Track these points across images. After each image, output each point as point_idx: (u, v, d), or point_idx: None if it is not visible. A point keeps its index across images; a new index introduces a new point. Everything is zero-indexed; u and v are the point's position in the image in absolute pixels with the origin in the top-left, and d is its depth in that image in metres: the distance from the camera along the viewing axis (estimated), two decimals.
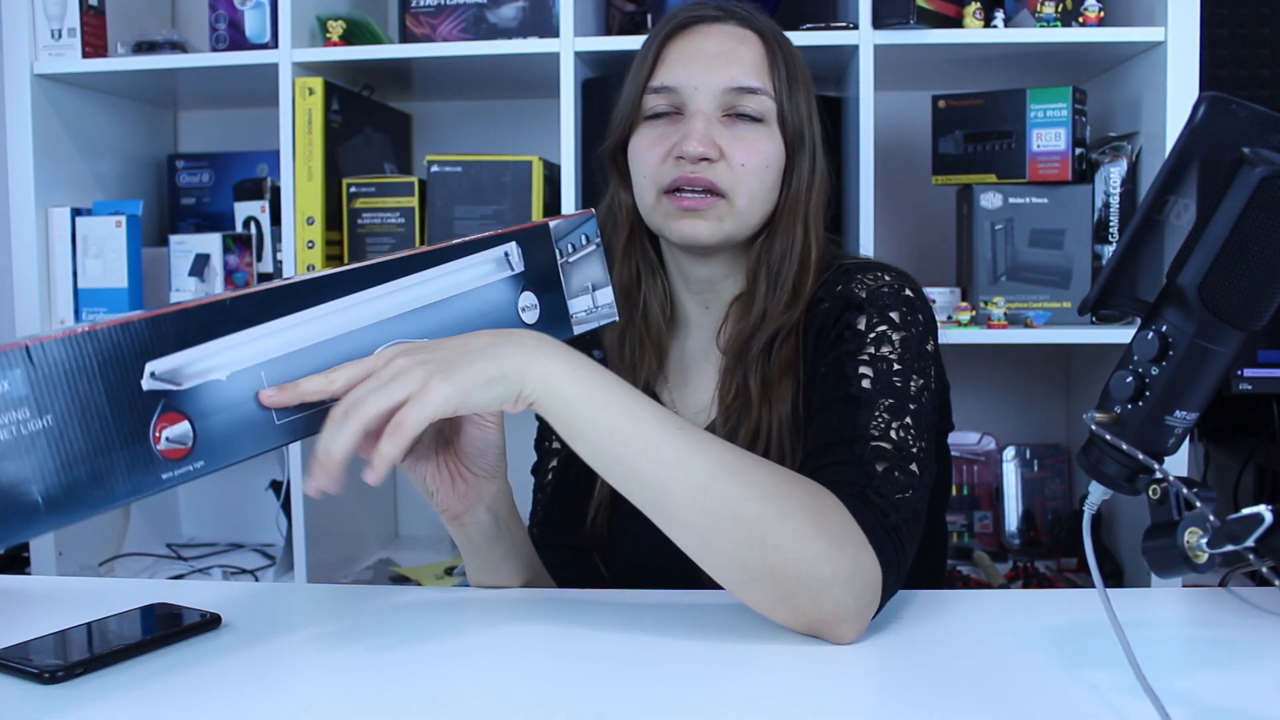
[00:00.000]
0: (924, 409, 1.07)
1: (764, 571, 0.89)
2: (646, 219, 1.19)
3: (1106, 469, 0.75)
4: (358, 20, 2.00)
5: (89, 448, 0.71)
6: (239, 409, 0.79)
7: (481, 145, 2.28)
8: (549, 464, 1.30)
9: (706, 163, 1.13)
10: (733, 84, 1.15)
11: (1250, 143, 0.71)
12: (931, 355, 1.12)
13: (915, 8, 1.76)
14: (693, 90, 1.15)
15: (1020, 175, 1.87)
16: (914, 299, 1.13)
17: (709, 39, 1.17)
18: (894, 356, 1.07)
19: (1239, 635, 0.97)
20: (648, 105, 1.18)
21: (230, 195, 2.18)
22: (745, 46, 1.17)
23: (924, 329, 1.12)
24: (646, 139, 1.17)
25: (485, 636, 0.99)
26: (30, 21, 1.98)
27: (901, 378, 1.07)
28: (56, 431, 0.70)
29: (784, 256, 1.16)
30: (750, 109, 1.15)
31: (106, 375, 0.72)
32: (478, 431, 1.00)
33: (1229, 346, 0.71)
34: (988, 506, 2.23)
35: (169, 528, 2.33)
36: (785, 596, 0.90)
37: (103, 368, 0.72)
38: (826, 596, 0.89)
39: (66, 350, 0.70)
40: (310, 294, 0.83)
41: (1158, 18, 1.79)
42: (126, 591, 1.09)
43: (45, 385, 0.69)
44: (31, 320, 2.01)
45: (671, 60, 1.17)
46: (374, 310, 0.86)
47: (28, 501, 0.69)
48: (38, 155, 2.00)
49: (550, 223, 0.99)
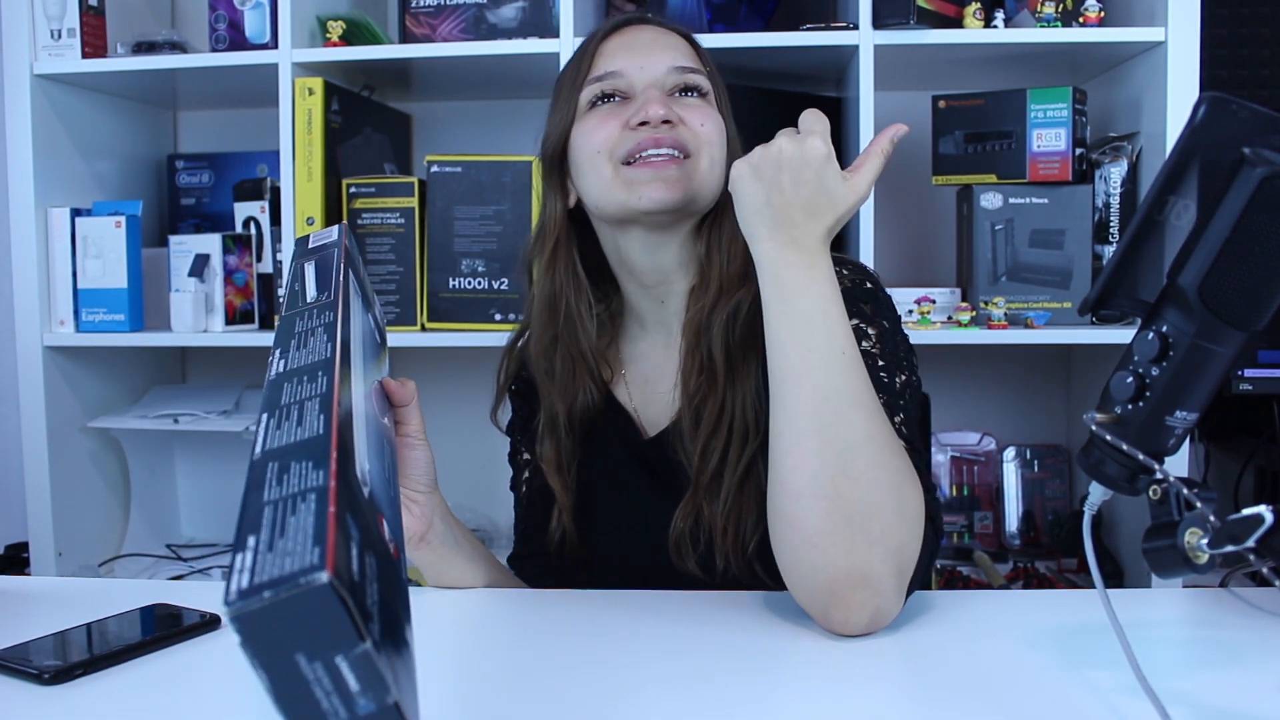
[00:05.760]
0: (910, 405, 1.09)
1: (827, 493, 0.92)
2: (600, 198, 1.16)
3: (1107, 469, 0.75)
4: (357, 20, 2.00)
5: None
6: (381, 488, 0.72)
7: (481, 145, 2.28)
8: (522, 476, 1.30)
9: (668, 125, 1.13)
10: (675, 63, 1.18)
11: (1250, 143, 0.70)
12: (907, 347, 1.14)
13: (915, 8, 1.76)
14: (638, 69, 1.17)
15: (1020, 175, 1.87)
16: (875, 290, 1.14)
17: (642, 33, 1.21)
18: (876, 351, 1.09)
19: (1239, 636, 0.97)
20: (590, 94, 1.18)
21: (230, 195, 2.18)
22: (674, 39, 1.22)
23: (893, 321, 1.14)
24: (594, 120, 1.17)
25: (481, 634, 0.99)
26: (30, 22, 1.98)
27: (887, 373, 1.08)
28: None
29: (733, 233, 1.13)
30: (695, 83, 1.18)
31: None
32: (412, 453, 1.04)
33: (1229, 347, 0.71)
34: (988, 507, 2.23)
35: (169, 528, 2.33)
36: (827, 530, 0.92)
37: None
38: (864, 550, 0.92)
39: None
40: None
41: (1158, 18, 1.79)
42: (126, 592, 1.09)
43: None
44: (31, 320, 2.01)
45: (609, 52, 1.19)
46: (359, 374, 0.80)
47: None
48: (37, 155, 2.00)
49: (346, 242, 0.94)
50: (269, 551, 0.51)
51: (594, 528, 1.22)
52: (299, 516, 0.54)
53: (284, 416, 0.66)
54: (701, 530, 1.12)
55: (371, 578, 0.56)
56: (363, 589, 0.54)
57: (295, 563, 0.50)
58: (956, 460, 2.22)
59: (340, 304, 0.81)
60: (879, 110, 1.80)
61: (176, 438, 2.29)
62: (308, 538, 0.52)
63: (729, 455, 1.12)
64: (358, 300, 0.88)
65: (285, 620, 0.49)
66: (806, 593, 0.95)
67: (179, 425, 2.12)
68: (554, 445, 1.22)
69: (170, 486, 2.36)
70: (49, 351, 2.03)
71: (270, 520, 0.54)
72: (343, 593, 0.49)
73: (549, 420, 1.23)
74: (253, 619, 0.49)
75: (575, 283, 1.22)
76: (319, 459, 0.59)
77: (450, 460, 1.38)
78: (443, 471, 1.10)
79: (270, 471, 0.60)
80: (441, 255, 1.93)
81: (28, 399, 2.02)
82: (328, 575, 0.49)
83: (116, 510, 2.24)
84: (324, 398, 0.67)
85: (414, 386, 1.00)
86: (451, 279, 1.92)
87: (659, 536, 1.14)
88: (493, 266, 1.91)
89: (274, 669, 0.49)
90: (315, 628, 0.49)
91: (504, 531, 2.08)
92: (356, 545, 0.56)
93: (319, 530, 0.52)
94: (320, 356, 0.73)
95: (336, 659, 0.50)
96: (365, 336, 0.88)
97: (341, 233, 0.95)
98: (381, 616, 0.55)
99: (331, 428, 0.63)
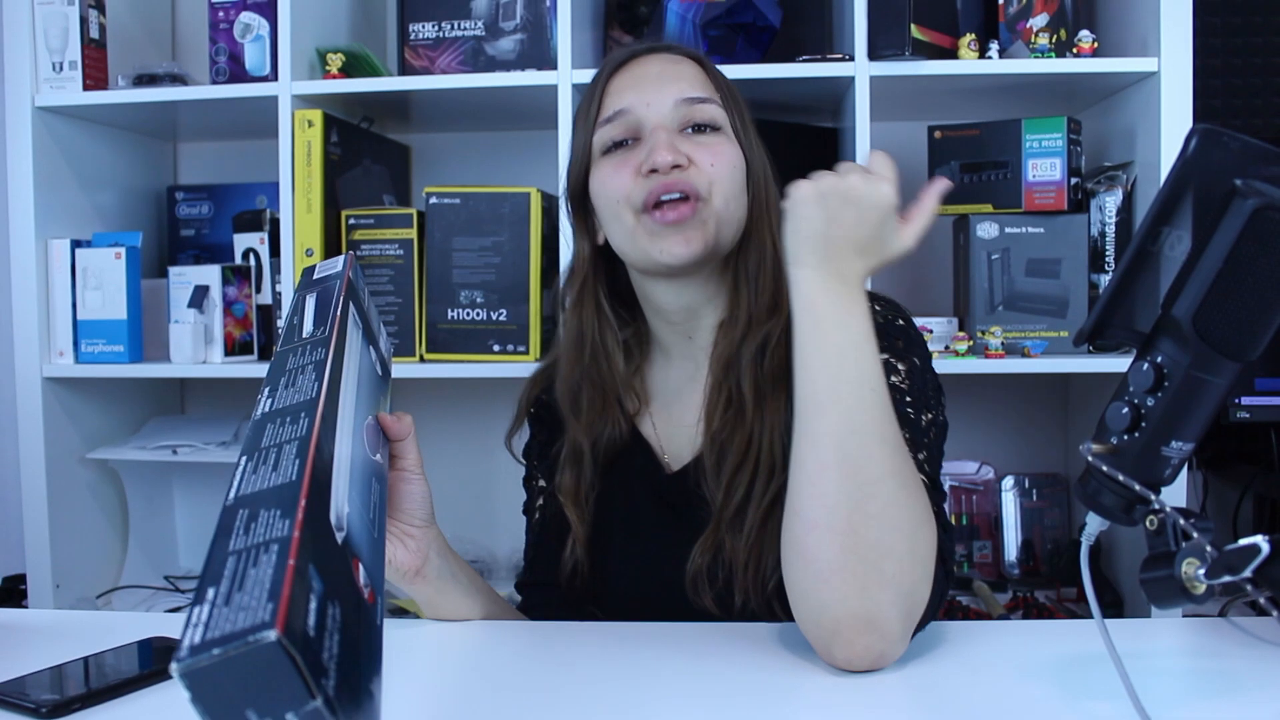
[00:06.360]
0: (935, 444, 1.08)
1: (842, 528, 0.91)
2: (625, 247, 1.17)
3: (1104, 500, 0.76)
4: (357, 53, 2.01)
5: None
6: (362, 531, 0.71)
7: (480, 177, 2.29)
8: (536, 502, 1.29)
9: (679, 169, 1.12)
10: (682, 95, 1.16)
11: (1242, 174, 0.71)
12: (935, 387, 1.13)
13: (911, 39, 1.77)
14: (645, 107, 1.15)
15: (1016, 205, 1.88)
16: (907, 328, 1.14)
17: (649, 65, 1.20)
18: (904, 387, 1.08)
19: (1239, 665, 0.97)
20: (602, 139, 1.18)
21: (229, 227, 2.18)
22: (684, 67, 1.20)
23: (923, 359, 1.13)
24: (608, 168, 1.16)
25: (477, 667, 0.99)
26: (32, 54, 2.00)
27: (914, 409, 1.07)
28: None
29: (759, 263, 1.16)
30: (706, 118, 1.16)
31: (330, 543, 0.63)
32: (408, 487, 1.04)
33: (1224, 377, 0.71)
34: (987, 536, 2.22)
35: (167, 560, 2.32)
36: (839, 567, 0.91)
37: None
38: (875, 592, 0.90)
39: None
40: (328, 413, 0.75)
41: (1150, 48, 1.80)
42: (124, 625, 1.09)
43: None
44: (31, 351, 2.01)
45: (617, 90, 1.18)
46: (350, 412, 0.80)
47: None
48: (38, 187, 2.01)
49: (349, 273, 0.95)
50: (225, 605, 0.51)
51: (608, 560, 1.21)
52: (259, 569, 0.54)
53: (261, 460, 0.66)
54: (721, 565, 1.10)
55: (333, 629, 0.56)
56: (319, 642, 0.53)
57: (247, 619, 0.50)
58: (955, 489, 2.22)
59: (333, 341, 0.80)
60: (875, 141, 1.81)
61: (175, 469, 2.28)
62: (264, 592, 0.52)
63: (754, 489, 1.10)
64: (356, 333, 0.88)
65: (234, 677, 0.49)
66: (812, 626, 0.94)
67: (177, 456, 2.12)
68: (574, 477, 1.21)
69: (168, 518, 2.35)
70: (48, 382, 2.03)
71: (232, 571, 0.54)
72: (292, 650, 0.49)
73: (572, 453, 1.22)
74: (202, 676, 0.49)
75: (602, 320, 1.22)
76: (287, 507, 0.59)
77: (448, 492, 1.38)
78: (440, 503, 1.10)
79: (239, 519, 0.59)
80: (440, 286, 1.93)
81: (26, 430, 2.02)
82: (276, 633, 0.49)
83: (114, 542, 2.24)
84: (302, 441, 0.67)
85: (410, 421, 1.00)
86: (450, 310, 1.93)
87: (675, 571, 1.13)
88: (491, 297, 1.91)
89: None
90: (265, 685, 0.50)
91: (502, 563, 2.08)
92: (318, 597, 0.55)
93: (275, 584, 0.52)
94: (306, 396, 0.73)
95: (287, 716, 0.50)
96: (363, 372, 0.88)
97: (346, 264, 0.95)
98: (340, 669, 0.54)
99: (305, 474, 0.62)
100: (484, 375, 1.90)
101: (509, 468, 1.33)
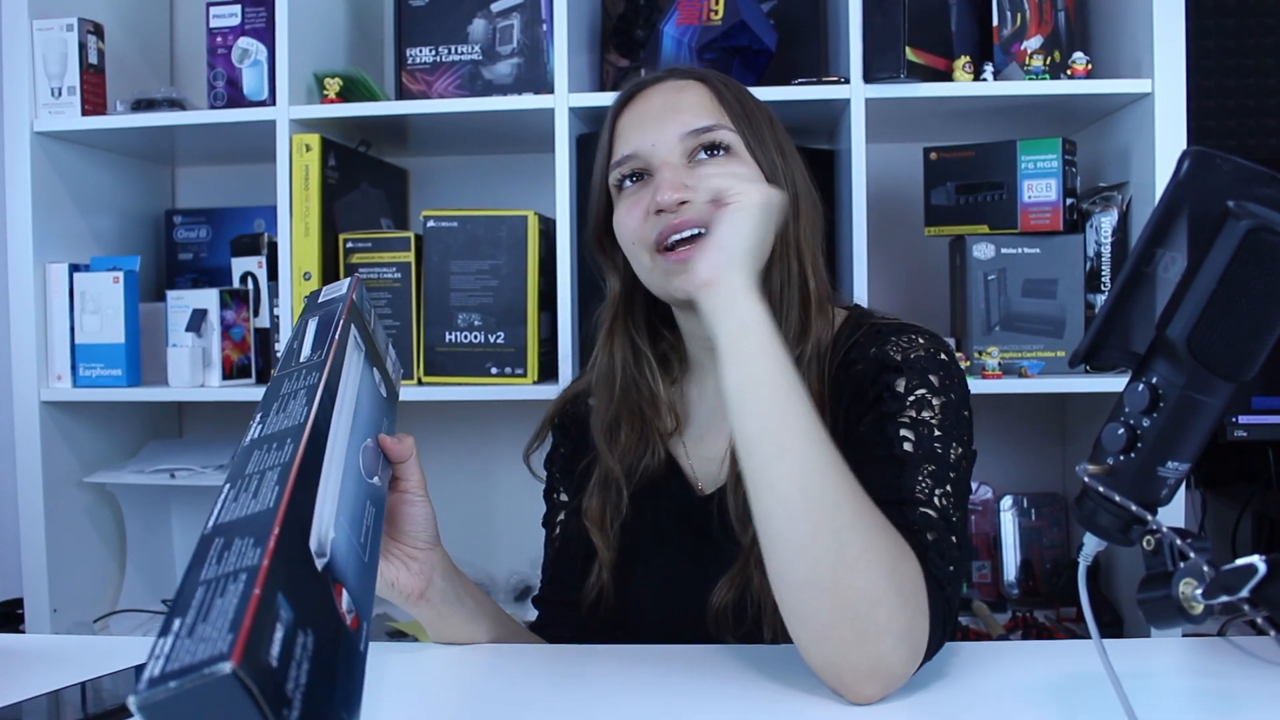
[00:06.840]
0: (962, 478, 1.07)
1: (828, 583, 0.89)
2: (648, 282, 1.17)
3: (1100, 520, 0.76)
4: (354, 77, 2.02)
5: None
6: (350, 556, 0.71)
7: (477, 200, 2.30)
8: (557, 517, 1.29)
9: (685, 205, 1.11)
10: (686, 129, 1.14)
11: (1235, 195, 0.71)
12: (967, 422, 1.11)
13: (906, 61, 1.78)
14: (650, 147, 1.15)
15: (1012, 226, 1.89)
16: (949, 363, 1.12)
17: (653, 99, 1.19)
18: (935, 421, 1.07)
19: (1238, 685, 0.97)
20: (615, 179, 1.18)
21: (227, 251, 2.19)
22: (688, 94, 1.18)
23: (960, 395, 1.11)
24: (623, 208, 1.17)
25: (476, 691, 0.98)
26: (30, 79, 2.00)
27: (942, 444, 1.06)
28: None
29: (783, 289, 1.14)
30: (713, 142, 1.15)
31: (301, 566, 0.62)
32: (411, 509, 1.04)
33: (1219, 398, 0.72)
34: (986, 556, 2.22)
35: (164, 584, 2.32)
36: (832, 623, 0.89)
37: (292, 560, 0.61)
38: (873, 643, 0.89)
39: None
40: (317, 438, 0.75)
41: (1144, 69, 1.81)
42: (121, 650, 1.09)
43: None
44: (29, 375, 2.01)
45: (623, 131, 1.19)
46: (343, 436, 0.79)
47: None
48: (36, 212, 2.01)
49: (353, 296, 0.95)
50: (188, 637, 0.51)
51: (634, 582, 1.20)
52: (225, 598, 0.54)
53: (243, 487, 0.65)
54: (750, 601, 1.09)
55: (302, 658, 0.55)
56: (284, 673, 0.53)
57: (206, 650, 0.50)
58: None
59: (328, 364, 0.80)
60: (871, 162, 1.82)
61: (173, 493, 2.28)
62: (226, 622, 0.51)
63: None
64: (358, 355, 0.88)
65: (192, 710, 0.49)
66: (820, 673, 0.92)
67: (175, 480, 2.11)
68: (602, 503, 1.21)
69: (166, 542, 2.35)
70: (46, 406, 2.03)
71: (199, 602, 0.54)
72: (248, 682, 0.49)
73: (602, 479, 1.21)
74: (159, 709, 0.48)
75: (634, 353, 1.23)
76: (260, 535, 0.59)
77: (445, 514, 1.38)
78: (440, 526, 1.09)
79: (214, 548, 0.59)
80: (438, 309, 1.93)
81: (24, 453, 2.02)
82: (231, 665, 0.48)
83: (112, 566, 2.23)
84: (284, 468, 0.66)
85: (412, 442, 0.99)
86: (448, 333, 1.93)
87: (702, 595, 1.11)
88: (489, 320, 1.91)
89: None
90: (224, 717, 0.49)
91: (502, 586, 2.07)
92: (286, 626, 0.55)
93: (238, 615, 0.52)
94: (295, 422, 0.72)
95: None
96: (364, 394, 0.87)
97: (350, 286, 0.95)
98: (308, 700, 0.54)
99: (283, 501, 0.62)
100: (482, 398, 1.90)
101: (507, 490, 1.33)
